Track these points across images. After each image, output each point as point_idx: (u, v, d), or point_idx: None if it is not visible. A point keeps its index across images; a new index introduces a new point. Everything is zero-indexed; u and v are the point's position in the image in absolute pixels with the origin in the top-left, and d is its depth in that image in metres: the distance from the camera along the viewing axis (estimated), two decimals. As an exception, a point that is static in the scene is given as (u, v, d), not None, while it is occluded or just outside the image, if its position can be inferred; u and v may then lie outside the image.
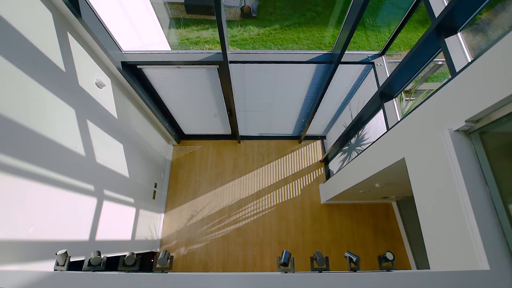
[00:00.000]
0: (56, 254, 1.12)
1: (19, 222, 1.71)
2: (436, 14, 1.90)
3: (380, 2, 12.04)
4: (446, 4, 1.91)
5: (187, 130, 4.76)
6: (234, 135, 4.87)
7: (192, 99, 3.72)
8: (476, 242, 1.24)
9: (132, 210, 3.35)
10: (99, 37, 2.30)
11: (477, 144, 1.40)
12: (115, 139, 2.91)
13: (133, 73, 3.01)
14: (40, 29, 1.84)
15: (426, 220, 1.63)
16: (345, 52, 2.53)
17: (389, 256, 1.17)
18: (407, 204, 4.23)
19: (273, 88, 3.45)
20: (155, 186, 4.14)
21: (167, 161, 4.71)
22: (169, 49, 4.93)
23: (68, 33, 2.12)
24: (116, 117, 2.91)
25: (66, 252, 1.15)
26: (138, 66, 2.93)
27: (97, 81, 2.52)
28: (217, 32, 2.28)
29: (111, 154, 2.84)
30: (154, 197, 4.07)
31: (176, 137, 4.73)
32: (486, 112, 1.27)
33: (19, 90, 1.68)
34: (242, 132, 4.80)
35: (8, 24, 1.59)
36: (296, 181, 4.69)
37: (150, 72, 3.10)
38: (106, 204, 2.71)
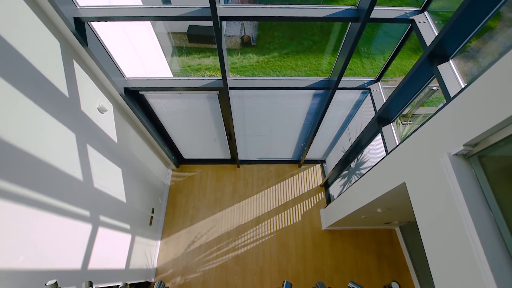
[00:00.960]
0: (45, 284, 1.07)
1: (8, 250, 1.64)
2: (428, 42, 1.99)
3: (374, 32, 12.62)
4: (436, 34, 2.00)
5: (186, 155, 4.76)
6: (233, 160, 4.86)
7: (192, 123, 3.76)
8: (484, 270, 1.19)
9: (128, 237, 3.24)
10: (103, 64, 2.38)
11: (477, 168, 1.39)
12: (114, 164, 2.90)
13: (135, 98, 3.07)
14: (47, 57, 1.91)
15: (431, 247, 1.57)
16: (342, 79, 2.60)
17: (395, 286, 1.12)
18: (411, 229, 4.12)
19: (273, 113, 3.51)
20: (152, 212, 4.05)
21: (165, 186, 4.66)
22: (171, 75, 5.08)
23: (74, 60, 2.19)
24: (116, 141, 2.92)
25: (56, 282, 1.09)
26: (140, 92, 3.00)
27: (99, 106, 2.56)
28: (218, 60, 2.36)
29: (110, 179, 2.81)
30: (150, 223, 3.97)
31: (175, 162, 4.71)
32: (483, 136, 1.28)
33: (21, 114, 1.70)
34: (241, 156, 4.80)
35: (17, 51, 1.65)
36: (296, 206, 4.60)
37: (152, 98, 3.16)
38: (101, 231, 2.63)
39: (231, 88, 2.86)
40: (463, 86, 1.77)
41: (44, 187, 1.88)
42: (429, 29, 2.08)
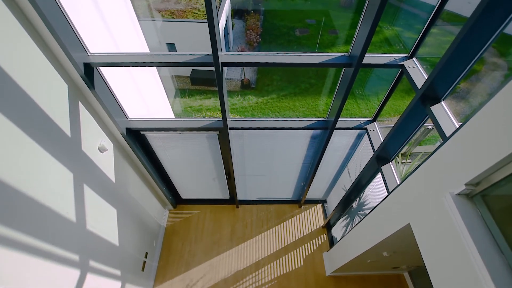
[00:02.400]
0: None
1: (-12, 301, 1.51)
2: (419, 85, 2.09)
3: (367, 75, 13.33)
4: (426, 77, 2.11)
5: (184, 194, 4.67)
6: (232, 199, 4.76)
7: (191, 163, 3.76)
8: (506, 323, 1.08)
9: (118, 285, 3.02)
10: (108, 106, 2.46)
11: (482, 207, 1.36)
12: (110, 204, 2.82)
13: (136, 138, 3.12)
14: (54, 99, 1.98)
15: (444, 296, 1.46)
16: (339, 119, 2.67)
17: None
18: (421, 274, 3.86)
19: (272, 152, 3.53)
20: (146, 256, 3.83)
21: (161, 228, 4.48)
22: (173, 116, 5.22)
23: (79, 102, 2.27)
24: (114, 181, 2.89)
25: None
26: (142, 132, 3.06)
27: (100, 146, 2.58)
28: (219, 101, 2.45)
29: (103, 220, 2.71)
30: (143, 269, 3.73)
31: (173, 202, 4.60)
32: (484, 175, 1.28)
33: (20, 153, 1.70)
34: (240, 196, 4.71)
35: (26, 93, 1.72)
36: (298, 249, 4.38)
37: (153, 138, 3.21)
38: (90, 278, 2.45)
39: (231, 128, 2.92)
40: (457, 126, 1.82)
41: (33, 229, 1.81)
42: (418, 73, 2.20)
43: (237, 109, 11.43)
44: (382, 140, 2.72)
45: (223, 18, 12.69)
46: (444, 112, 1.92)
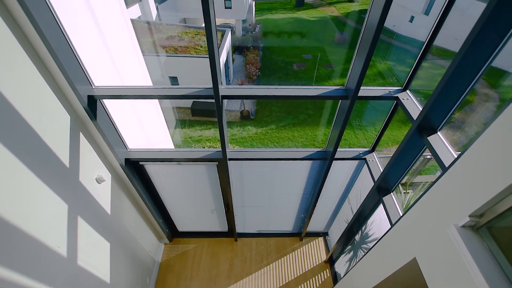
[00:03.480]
0: None
1: None
2: (414, 116, 2.14)
3: (363, 107, 13.67)
4: (420, 109, 2.16)
5: (181, 227, 4.52)
6: (231, 232, 4.60)
7: (189, 194, 3.70)
8: None
9: (106, 328, 2.80)
10: (108, 136, 2.48)
11: (488, 240, 1.31)
12: (103, 237, 2.72)
13: (135, 169, 3.10)
14: (56, 130, 2.00)
15: None
16: (338, 149, 2.69)
17: None
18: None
19: (271, 183, 3.50)
20: (138, 295, 3.60)
21: (155, 263, 4.27)
22: (173, 147, 5.24)
23: (80, 133, 2.30)
24: (109, 213, 2.82)
25: None
26: (141, 163, 3.05)
27: (97, 177, 2.56)
28: (218, 132, 2.48)
29: (96, 255, 2.59)
30: (135, 309, 3.48)
31: (169, 235, 4.44)
32: (487, 207, 1.25)
33: (13, 182, 1.68)
34: (239, 229, 4.56)
35: (27, 123, 1.74)
36: (299, 286, 4.13)
37: (151, 168, 3.19)
38: (77, 320, 2.28)
39: (230, 159, 2.92)
40: (455, 156, 1.82)
41: (20, 264, 1.72)
42: (413, 105, 2.26)
43: (236, 139, 11.54)
44: (381, 171, 2.71)
45: (224, 54, 13.35)
46: (441, 142, 1.94)
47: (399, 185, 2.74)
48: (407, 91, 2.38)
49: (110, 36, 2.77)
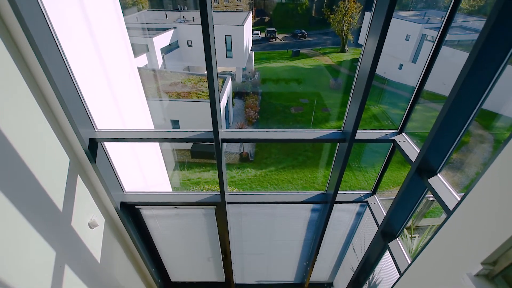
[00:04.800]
0: None
1: None
2: (412, 158, 2.15)
3: (361, 148, 13.82)
4: (418, 151, 2.18)
5: (175, 277, 4.21)
6: (228, 283, 4.27)
7: (185, 240, 3.52)
8: None
9: None
10: (106, 179, 2.45)
11: (507, 292, 1.22)
12: (90, 290, 2.51)
13: (130, 213, 3.00)
14: (53, 173, 1.99)
15: None
16: (338, 192, 2.64)
17: None
18: None
19: (271, 229, 3.36)
20: None
21: (145, 319, 3.87)
22: (170, 190, 5.15)
23: (78, 176, 2.27)
24: (99, 261, 2.64)
25: None
26: (137, 207, 2.96)
27: (90, 221, 2.46)
28: (217, 175, 2.46)
29: (80, 311, 2.36)
30: None
31: (161, 286, 4.11)
32: (499, 253, 1.19)
33: (3, 229, 1.60)
34: (237, 279, 4.24)
35: (24, 163, 1.73)
36: None
37: (147, 212, 3.09)
38: None
39: (228, 203, 2.85)
40: (458, 199, 1.79)
41: (-3, 324, 1.55)
42: (410, 147, 2.29)
43: (235, 182, 11.42)
44: (384, 214, 2.63)
45: (224, 98, 13.96)
46: (442, 184, 1.92)
47: (405, 229, 2.64)
48: (403, 133, 2.43)
49: (117, 82, 2.92)
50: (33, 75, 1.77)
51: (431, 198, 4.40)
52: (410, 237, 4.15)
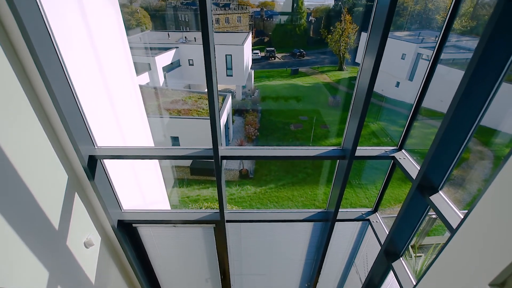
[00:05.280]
0: None
1: None
2: (413, 175, 2.13)
3: (361, 165, 13.77)
4: (418, 168, 2.18)
5: (172, 299, 4.05)
6: (227, 305, 4.10)
7: (183, 260, 3.42)
8: None
9: None
10: (104, 197, 2.42)
11: (518, 316, 1.17)
12: (83, 313, 2.41)
13: (127, 232, 2.93)
14: (51, 189, 1.97)
15: None
16: (339, 210, 2.60)
17: None
18: None
19: (271, 248, 3.28)
20: None
21: None
22: (169, 207, 5.08)
23: (76, 193, 2.25)
24: (93, 282, 2.55)
25: None
26: (134, 225, 2.91)
27: (86, 240, 2.41)
28: (216, 191, 2.43)
29: (71, 336, 2.25)
30: None
31: (158, 309, 3.94)
32: (507, 273, 1.15)
33: (-2, 252, 1.56)
34: (236, 301, 4.08)
35: (21, 180, 1.71)
36: None
37: (145, 231, 3.03)
38: None
39: (228, 221, 2.80)
40: (461, 217, 1.76)
41: None
42: (410, 164, 2.28)
43: (235, 199, 11.28)
44: (387, 233, 2.58)
45: (224, 115, 14.08)
46: (444, 202, 1.90)
47: (409, 247, 2.57)
48: (403, 150, 2.43)
49: (118, 100, 2.96)
50: (34, 91, 1.79)
51: (433, 216, 4.33)
52: (414, 256, 4.04)
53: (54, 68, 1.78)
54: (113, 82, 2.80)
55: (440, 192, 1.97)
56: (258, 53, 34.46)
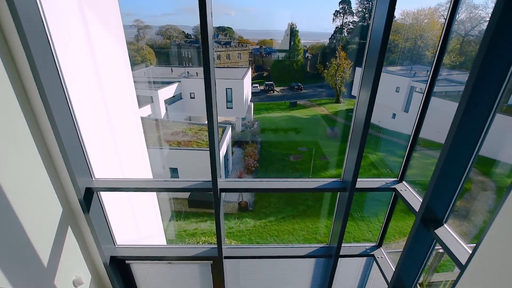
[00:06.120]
0: None
1: None
2: (416, 208, 2.08)
3: (363, 197, 13.54)
4: (420, 200, 2.13)
5: None
6: None
7: (178, 300, 3.20)
8: None
9: None
10: (98, 231, 2.33)
11: None
12: None
13: (119, 269, 2.78)
14: (43, 223, 1.90)
15: None
16: (342, 245, 2.50)
17: None
18: None
19: (272, 286, 3.09)
20: None
21: None
22: (165, 242, 4.88)
23: (69, 227, 2.17)
24: (80, 327, 2.36)
25: None
26: (127, 262, 2.76)
27: (75, 279, 2.27)
28: (215, 225, 2.35)
29: None
30: None
31: None
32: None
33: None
34: None
35: (15, 214, 1.66)
36: None
37: (138, 268, 2.87)
38: None
39: (226, 257, 2.67)
40: (469, 252, 1.68)
41: None
42: (412, 196, 2.24)
43: (233, 233, 10.90)
44: (393, 269, 2.45)
45: (224, 147, 14.16)
46: (450, 235, 1.83)
47: (417, 285, 2.42)
48: (404, 182, 2.40)
49: (119, 132, 2.99)
50: (37, 120, 1.82)
51: (440, 250, 4.15)
52: (424, 296, 3.80)
53: (58, 98, 1.82)
54: (116, 114, 2.86)
55: (445, 225, 1.91)
56: (257, 86, 35.71)
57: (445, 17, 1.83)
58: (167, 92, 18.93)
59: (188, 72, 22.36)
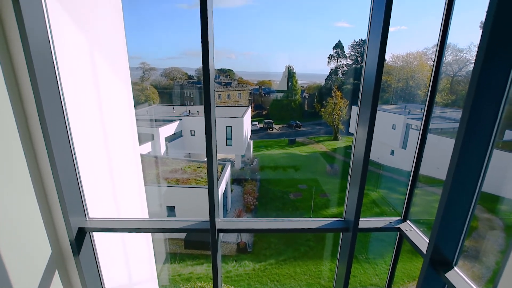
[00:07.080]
0: None
1: None
2: (423, 249, 1.98)
3: (367, 238, 13.01)
4: (426, 240, 2.04)
5: None
6: None
7: None
8: None
9: None
10: (87, 277, 2.18)
11: None
12: None
13: (107, 319, 2.55)
14: (29, 268, 1.78)
15: None
16: (348, 290, 2.33)
17: None
18: None
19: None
20: None
21: None
22: None
23: (56, 271, 2.03)
24: None
25: None
26: (116, 310, 2.54)
27: (57, 333, 2.06)
28: (211, 268, 2.22)
29: None
30: None
31: None
32: None
33: None
34: None
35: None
36: None
37: (127, 318, 2.63)
38: None
39: (223, 303, 2.47)
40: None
41: None
42: (418, 236, 2.15)
43: (231, 277, 10.24)
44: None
45: (223, 185, 13.96)
46: (463, 280, 1.72)
47: None
48: (408, 221, 2.33)
49: (118, 170, 2.97)
50: (35, 155, 1.81)
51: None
52: None
53: (59, 133, 1.84)
54: (116, 152, 2.87)
55: (455, 267, 1.80)
56: (256, 124, 36.50)
57: (433, 60, 1.95)
58: (168, 129, 19.29)
59: (189, 110, 23.04)
